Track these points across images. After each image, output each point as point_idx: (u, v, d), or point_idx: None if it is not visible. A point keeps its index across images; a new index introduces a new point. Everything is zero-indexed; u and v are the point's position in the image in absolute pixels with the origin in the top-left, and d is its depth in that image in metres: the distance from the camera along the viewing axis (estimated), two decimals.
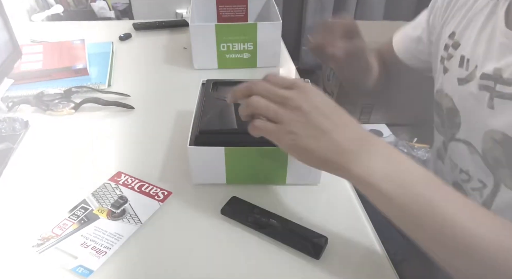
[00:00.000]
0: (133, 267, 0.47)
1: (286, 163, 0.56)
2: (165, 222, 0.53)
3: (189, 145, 0.54)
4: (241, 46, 0.90)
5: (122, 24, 1.21)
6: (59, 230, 0.51)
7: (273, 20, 0.95)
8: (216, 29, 0.87)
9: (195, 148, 0.54)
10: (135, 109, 0.77)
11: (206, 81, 0.68)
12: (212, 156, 0.55)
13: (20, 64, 0.85)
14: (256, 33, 0.88)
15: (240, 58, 0.92)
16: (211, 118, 0.58)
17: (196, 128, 0.57)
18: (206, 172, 0.57)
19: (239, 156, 0.55)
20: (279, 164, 0.56)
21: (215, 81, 0.67)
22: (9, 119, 0.70)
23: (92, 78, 0.86)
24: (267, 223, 0.51)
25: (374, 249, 0.50)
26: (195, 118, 0.59)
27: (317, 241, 0.48)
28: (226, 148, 0.54)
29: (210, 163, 0.56)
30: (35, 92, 0.79)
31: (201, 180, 0.58)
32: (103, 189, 0.57)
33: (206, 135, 0.55)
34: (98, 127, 0.73)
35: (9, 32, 0.79)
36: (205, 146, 0.54)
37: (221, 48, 0.90)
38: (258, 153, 0.55)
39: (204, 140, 0.55)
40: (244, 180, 0.58)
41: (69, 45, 0.96)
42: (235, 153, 0.55)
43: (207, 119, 0.58)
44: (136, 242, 0.50)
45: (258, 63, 0.92)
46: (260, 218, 0.51)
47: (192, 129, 0.57)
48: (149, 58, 0.97)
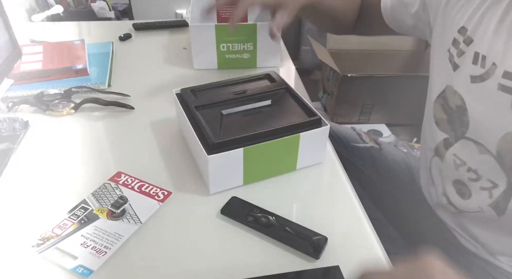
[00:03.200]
0: (133, 267, 0.47)
1: (297, 148, 0.58)
2: (165, 222, 0.53)
3: (208, 155, 0.53)
4: (240, 46, 0.90)
5: (122, 24, 1.21)
6: (59, 230, 0.51)
7: None
8: (216, 29, 0.87)
9: (215, 156, 0.53)
10: (135, 109, 0.77)
11: (180, 91, 0.67)
12: (231, 160, 0.55)
13: (20, 64, 0.85)
14: (256, 33, 0.88)
15: (240, 58, 0.92)
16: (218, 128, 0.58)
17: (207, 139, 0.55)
18: (225, 178, 0.57)
19: (257, 153, 0.56)
20: (292, 151, 0.58)
21: (192, 88, 0.68)
22: (9, 119, 0.70)
23: (92, 78, 0.86)
24: (267, 223, 0.51)
25: (374, 249, 0.50)
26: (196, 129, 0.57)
27: (316, 241, 0.48)
28: (245, 149, 0.54)
29: (228, 168, 0.55)
30: (35, 92, 0.79)
31: (220, 187, 0.57)
32: (103, 189, 0.57)
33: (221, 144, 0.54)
34: (98, 127, 0.73)
35: (9, 32, 0.79)
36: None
37: (221, 48, 0.90)
38: (274, 145, 0.56)
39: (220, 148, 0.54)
40: (260, 177, 0.59)
41: (69, 45, 0.96)
42: (253, 151, 0.55)
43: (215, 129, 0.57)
44: (136, 242, 0.50)
45: (258, 63, 0.92)
46: (260, 218, 0.51)
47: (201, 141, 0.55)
48: (149, 58, 0.97)
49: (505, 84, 0.51)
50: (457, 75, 0.59)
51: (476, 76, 0.55)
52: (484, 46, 0.54)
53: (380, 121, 1.99)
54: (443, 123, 0.64)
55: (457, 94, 0.59)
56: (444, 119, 0.63)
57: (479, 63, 0.55)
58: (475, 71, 0.55)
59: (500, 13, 0.52)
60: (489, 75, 0.53)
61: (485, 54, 0.54)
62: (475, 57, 0.55)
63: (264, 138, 0.55)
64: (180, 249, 0.49)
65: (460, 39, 0.58)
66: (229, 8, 1.05)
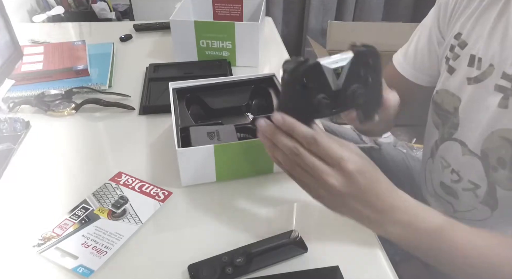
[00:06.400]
0: (133, 267, 0.47)
1: None
2: (165, 222, 0.53)
3: (177, 148, 0.55)
4: (220, 44, 0.92)
5: (123, 25, 1.21)
6: (60, 230, 0.51)
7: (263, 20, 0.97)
8: (195, 25, 0.89)
9: (184, 149, 0.55)
10: (135, 109, 0.77)
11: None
12: (202, 156, 0.56)
13: (21, 65, 0.86)
14: (234, 33, 0.90)
15: (219, 55, 0.94)
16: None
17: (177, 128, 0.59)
18: (196, 173, 0.58)
19: (228, 152, 0.56)
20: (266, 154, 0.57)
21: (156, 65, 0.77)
22: (10, 119, 0.70)
23: (92, 79, 0.86)
24: (247, 259, 0.46)
25: (374, 249, 0.50)
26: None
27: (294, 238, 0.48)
28: (216, 146, 0.55)
29: (200, 163, 0.56)
30: (36, 93, 0.79)
31: (192, 181, 0.58)
32: (104, 189, 0.58)
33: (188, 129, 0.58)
34: (99, 128, 0.74)
35: (10, 33, 0.80)
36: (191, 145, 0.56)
37: (200, 44, 0.92)
38: (247, 146, 0.57)
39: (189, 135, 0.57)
40: (234, 176, 0.59)
41: (70, 46, 0.96)
42: (224, 149, 0.56)
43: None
44: (137, 242, 0.50)
45: (237, 61, 0.94)
46: (231, 264, 0.46)
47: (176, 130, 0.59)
48: (149, 59, 0.97)
49: (502, 84, 0.52)
50: (453, 78, 0.60)
51: (471, 78, 0.57)
52: (479, 49, 0.56)
53: None
54: (438, 125, 0.65)
55: (455, 97, 0.60)
56: (438, 121, 0.65)
57: (475, 65, 0.56)
58: (471, 73, 0.57)
59: (493, 17, 0.54)
60: (486, 76, 0.54)
61: (480, 56, 0.55)
62: (471, 59, 0.57)
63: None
64: (180, 249, 0.50)
65: (455, 44, 0.60)
66: (225, 7, 1.09)
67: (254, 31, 0.90)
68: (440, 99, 0.63)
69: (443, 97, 0.62)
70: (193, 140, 0.58)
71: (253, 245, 0.48)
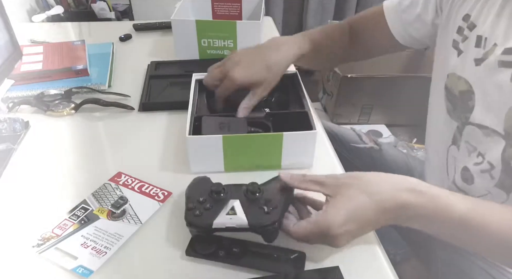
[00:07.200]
0: (133, 267, 0.47)
1: (281, 148, 0.58)
2: (165, 222, 0.53)
3: (188, 135, 0.56)
4: (221, 43, 0.92)
5: (123, 25, 1.21)
6: (59, 230, 0.51)
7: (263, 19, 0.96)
8: (197, 24, 0.89)
9: (194, 137, 0.57)
10: (135, 109, 0.77)
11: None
12: (210, 145, 0.57)
13: (20, 65, 0.85)
14: (236, 31, 0.90)
15: (221, 54, 0.94)
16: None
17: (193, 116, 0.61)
18: (205, 161, 0.59)
19: (236, 143, 0.57)
20: (275, 149, 0.59)
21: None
22: (9, 119, 0.70)
23: (92, 78, 0.86)
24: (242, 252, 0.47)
25: (374, 250, 0.50)
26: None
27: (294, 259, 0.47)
28: (224, 136, 0.56)
29: (208, 152, 0.58)
30: (35, 93, 0.79)
31: (201, 169, 0.60)
32: (103, 190, 0.57)
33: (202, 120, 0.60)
34: (99, 128, 0.73)
35: (9, 33, 0.80)
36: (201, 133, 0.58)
37: (202, 43, 0.92)
38: (255, 140, 0.57)
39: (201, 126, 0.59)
40: (242, 168, 0.60)
41: (69, 46, 0.96)
42: (232, 140, 0.57)
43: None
44: (136, 242, 0.50)
45: None
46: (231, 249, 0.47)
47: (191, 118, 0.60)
48: (149, 59, 0.97)
49: (505, 59, 0.52)
50: (461, 61, 0.60)
51: (479, 59, 0.56)
52: (486, 29, 0.56)
53: (380, 121, 1.99)
54: (450, 111, 0.64)
55: (462, 79, 0.59)
56: (450, 107, 0.64)
57: (482, 45, 0.56)
58: (478, 54, 0.56)
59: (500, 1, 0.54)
60: (488, 55, 0.54)
61: (487, 36, 0.55)
62: (478, 40, 0.57)
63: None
64: (181, 249, 0.49)
65: (464, 26, 0.59)
66: (224, 6, 1.09)
67: (255, 30, 0.90)
68: (450, 83, 0.62)
69: (452, 81, 0.62)
70: (203, 129, 0.59)
71: (253, 244, 0.48)
